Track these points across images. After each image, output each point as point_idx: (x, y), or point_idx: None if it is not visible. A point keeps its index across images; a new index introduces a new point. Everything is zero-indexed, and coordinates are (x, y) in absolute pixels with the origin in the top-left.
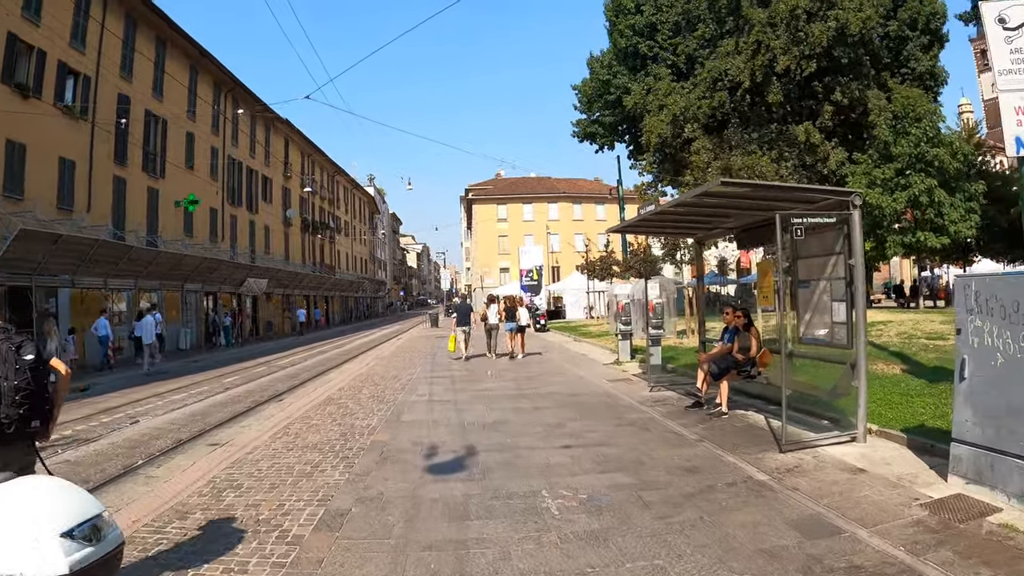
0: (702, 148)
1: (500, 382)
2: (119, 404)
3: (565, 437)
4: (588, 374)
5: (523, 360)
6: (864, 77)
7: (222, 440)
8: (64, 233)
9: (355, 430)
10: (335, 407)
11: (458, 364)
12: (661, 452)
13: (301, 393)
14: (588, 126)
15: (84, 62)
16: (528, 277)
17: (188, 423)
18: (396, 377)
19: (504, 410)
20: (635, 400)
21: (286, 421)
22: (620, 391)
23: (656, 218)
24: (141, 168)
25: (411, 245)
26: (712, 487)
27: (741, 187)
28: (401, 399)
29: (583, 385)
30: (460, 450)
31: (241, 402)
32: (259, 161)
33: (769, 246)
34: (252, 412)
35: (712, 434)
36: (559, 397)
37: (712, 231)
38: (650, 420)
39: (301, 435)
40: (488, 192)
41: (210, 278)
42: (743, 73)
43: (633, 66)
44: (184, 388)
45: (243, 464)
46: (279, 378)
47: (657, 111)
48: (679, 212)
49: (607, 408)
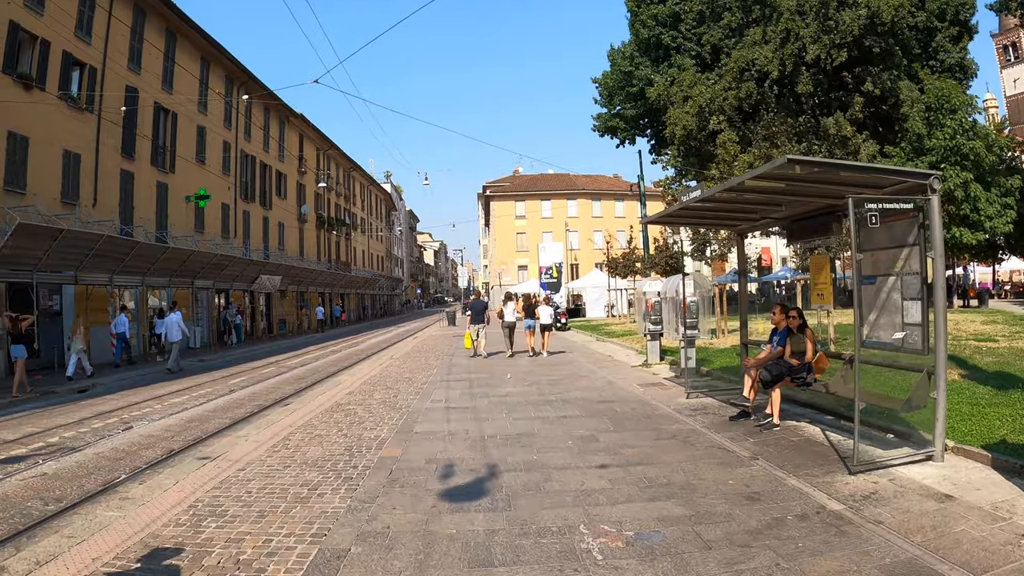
0: (728, 141)
1: (522, 386)
2: (115, 408)
3: (600, 454)
4: (616, 378)
5: (545, 362)
6: (896, 67)
7: (214, 453)
8: (65, 227)
9: (362, 443)
10: (342, 414)
11: (476, 365)
12: (712, 473)
13: (308, 397)
14: (609, 120)
15: (90, 53)
16: (547, 274)
17: (183, 430)
18: (410, 380)
19: (528, 419)
20: (672, 408)
21: (287, 430)
22: (654, 397)
23: (700, 206)
24: (150, 162)
25: (428, 243)
26: (781, 520)
27: (812, 166)
28: (415, 405)
29: (612, 390)
30: (481, 470)
31: (243, 406)
32: (273, 156)
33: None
34: (253, 418)
35: (766, 450)
36: (588, 404)
37: (757, 222)
38: (692, 432)
39: (301, 448)
40: (506, 189)
41: (221, 275)
42: (771, 63)
43: (656, 57)
44: (187, 390)
45: (232, 484)
46: (287, 380)
47: (682, 103)
48: (726, 199)
49: (643, 418)
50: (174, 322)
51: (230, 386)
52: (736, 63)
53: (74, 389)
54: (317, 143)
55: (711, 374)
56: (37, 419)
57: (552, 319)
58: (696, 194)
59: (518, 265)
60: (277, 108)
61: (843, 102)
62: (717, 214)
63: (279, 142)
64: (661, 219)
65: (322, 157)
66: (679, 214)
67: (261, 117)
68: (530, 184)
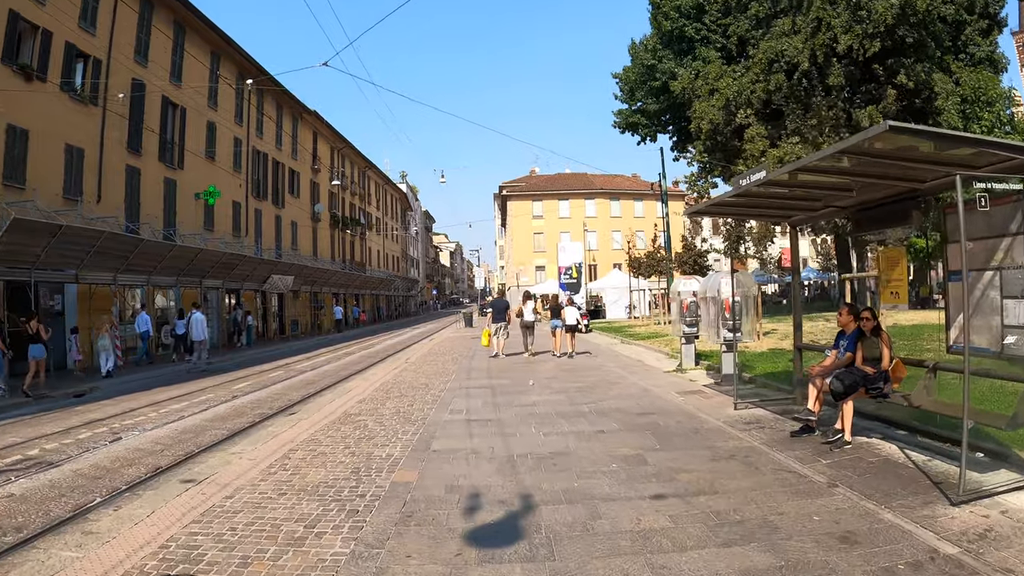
0: (756, 135)
1: (549, 394)
2: (109, 415)
3: (652, 480)
4: (651, 384)
5: (570, 366)
6: (929, 59)
7: (202, 474)
8: (64, 223)
9: (372, 463)
10: (351, 427)
11: (497, 370)
12: (790, 505)
13: (315, 406)
14: (630, 116)
15: (95, 44)
16: (567, 275)
17: (174, 443)
18: (427, 386)
19: (561, 435)
20: (721, 421)
21: (288, 446)
22: (698, 408)
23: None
24: (157, 158)
25: (444, 244)
26: (891, 572)
27: (918, 136)
28: (432, 417)
29: (650, 400)
30: (512, 501)
31: (244, 415)
32: (286, 154)
33: (904, 227)
34: (253, 430)
35: (844, 474)
36: (625, 416)
37: (817, 212)
38: (752, 452)
39: (302, 469)
40: (522, 189)
41: (231, 275)
42: (801, 54)
43: (679, 50)
44: (188, 395)
45: (215, 517)
46: (294, 385)
47: (707, 96)
48: (793, 184)
49: (691, 433)
50: (199, 321)
51: (233, 391)
52: (765, 54)
53: (70, 394)
54: (331, 141)
55: (755, 381)
56: (23, 427)
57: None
58: (759, 176)
59: (535, 265)
60: (290, 104)
61: (874, 95)
62: (771, 203)
63: (292, 139)
64: (707, 209)
65: (336, 155)
66: (731, 202)
67: (273, 113)
68: (547, 184)
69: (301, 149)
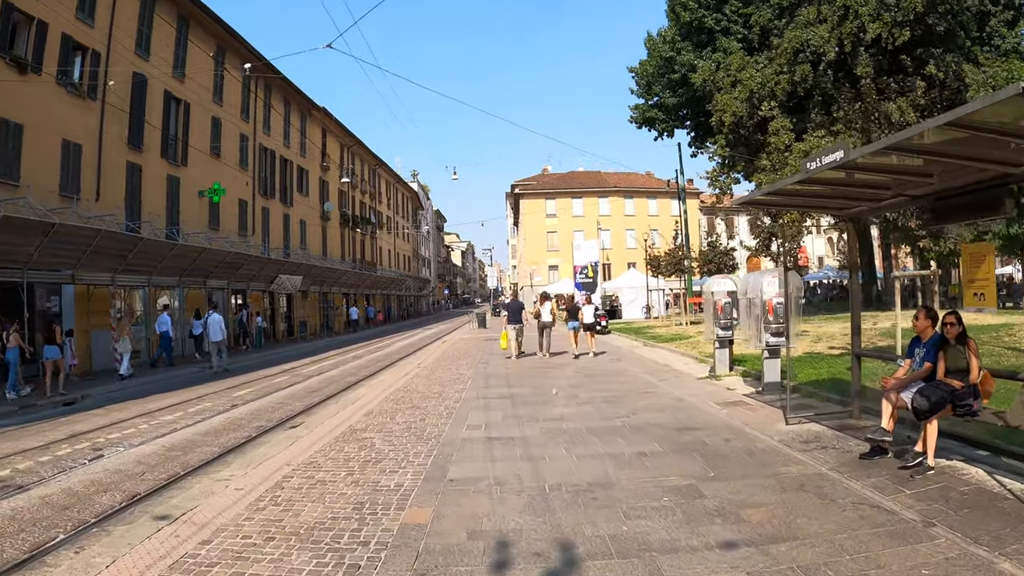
0: (781, 128)
1: (575, 406)
2: (96, 427)
3: (715, 520)
4: (685, 394)
5: (594, 372)
6: (958, 49)
7: (180, 507)
8: (57, 221)
9: (378, 496)
10: (356, 446)
11: (516, 376)
12: (889, 555)
13: (317, 418)
14: (647, 111)
15: (93, 36)
16: (583, 274)
17: (159, 463)
18: (440, 395)
19: (597, 457)
20: (775, 439)
21: (283, 471)
22: (745, 422)
23: (823, 178)
24: (160, 154)
25: (455, 243)
26: None
27: None
28: (447, 434)
29: (688, 412)
30: (550, 553)
31: (241, 429)
32: (294, 151)
33: (993, 217)
34: (248, 447)
35: (936, 509)
36: (666, 433)
37: (883, 202)
38: (822, 479)
39: (295, 504)
40: (535, 187)
41: (237, 275)
42: (828, 43)
43: (699, 42)
44: (184, 404)
45: (184, 572)
46: (298, 393)
47: (729, 88)
48: (867, 167)
49: (745, 455)
50: (216, 322)
51: (233, 400)
52: (790, 43)
53: (59, 402)
54: (341, 138)
55: (799, 390)
56: (2, 441)
57: (594, 318)
58: (835, 157)
59: (549, 265)
60: (298, 100)
61: (903, 87)
62: (833, 191)
63: (300, 136)
64: (760, 199)
65: (346, 153)
66: (790, 191)
67: (281, 109)
68: (560, 182)
69: (310, 146)
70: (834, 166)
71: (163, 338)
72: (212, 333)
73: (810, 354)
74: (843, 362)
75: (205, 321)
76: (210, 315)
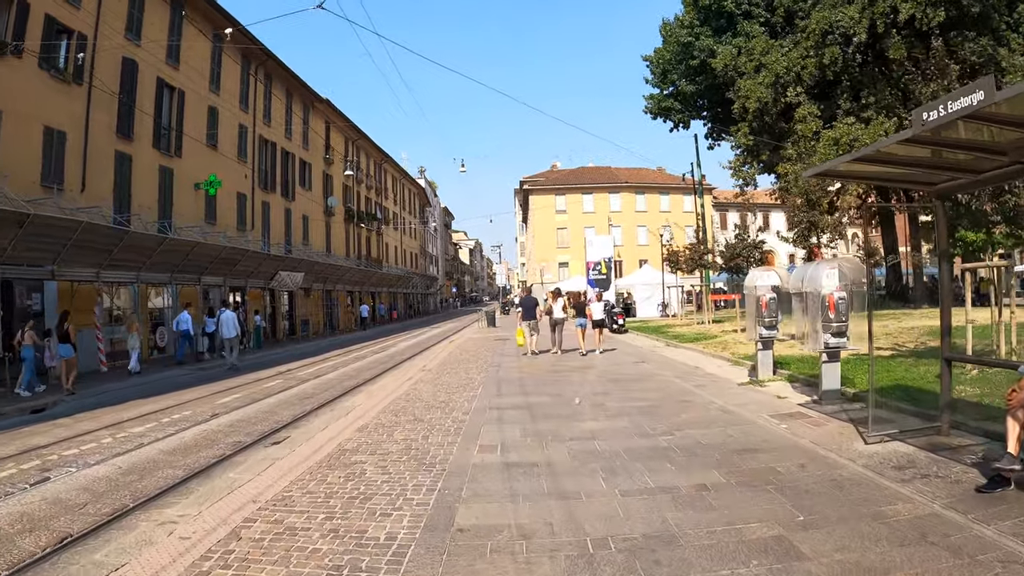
0: (808, 115)
1: (606, 419)
2: (56, 440)
3: None
4: (731, 403)
5: (619, 376)
6: (992, 32)
7: (106, 565)
8: (31, 212)
9: (362, 556)
10: (342, 474)
11: (532, 380)
12: None
13: (304, 433)
14: (662, 100)
15: (80, 18)
16: (596, 270)
17: (107, 491)
18: (446, 405)
19: (648, 494)
20: (859, 463)
21: (248, 510)
22: (813, 441)
23: (925, 138)
24: (152, 144)
25: (463, 241)
26: None
27: None
28: (455, 459)
29: (741, 427)
30: None
31: (213, 446)
32: (296, 144)
33: None
34: (215, 471)
35: None
36: (722, 455)
37: (986, 173)
38: (943, 524)
39: (250, 567)
40: (544, 183)
41: (233, 271)
42: (859, 24)
43: (718, 27)
44: (161, 412)
45: None
46: (289, 400)
47: (753, 73)
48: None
49: (832, 487)
50: (230, 319)
51: (215, 407)
52: (818, 25)
53: (27, 409)
54: (345, 132)
55: (861, 398)
56: None
57: (605, 315)
58: (972, 99)
59: (559, 262)
60: (300, 91)
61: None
62: (920, 161)
63: (303, 128)
64: (839, 170)
65: (351, 147)
66: (885, 156)
67: (282, 100)
68: (570, 178)
69: (313, 138)
70: (967, 113)
71: (183, 336)
72: (226, 330)
73: (856, 355)
74: (897, 364)
75: (218, 319)
76: (223, 312)
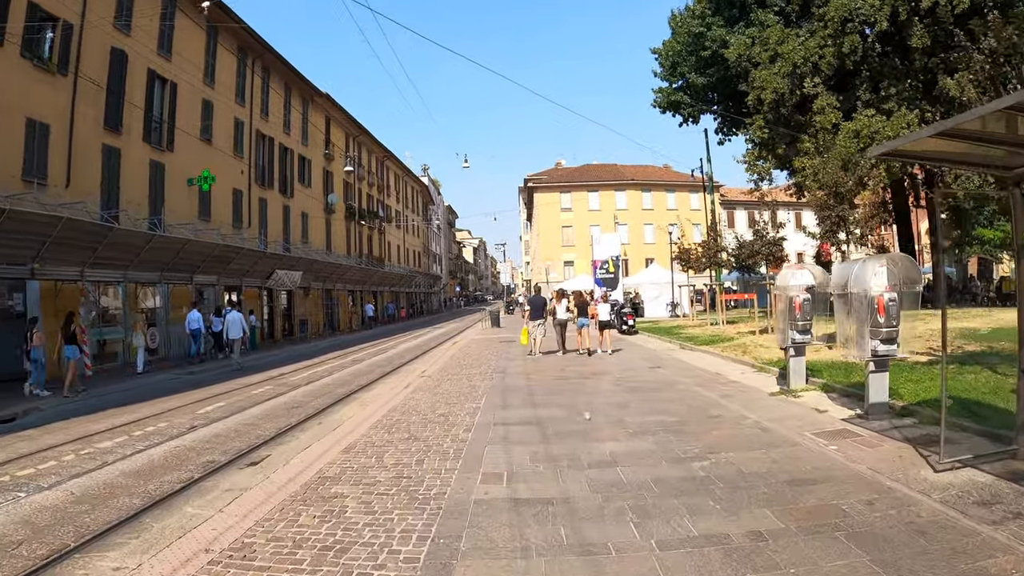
0: (827, 106)
1: (627, 439)
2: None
3: None
4: (766, 418)
5: (636, 385)
6: (1017, 19)
7: None
8: (6, 208)
9: None
10: (318, 512)
11: (541, 390)
12: None
13: (282, 454)
14: (671, 94)
15: (65, 6)
16: (603, 269)
17: (50, 525)
18: (446, 419)
19: (689, 543)
20: (935, 498)
21: (200, 561)
22: (873, 467)
23: None
24: (142, 138)
25: (467, 240)
26: None
27: None
28: (453, 492)
29: (785, 450)
30: None
31: (182, 467)
32: (295, 139)
33: None
34: (174, 502)
35: None
36: (771, 489)
37: None
38: None
39: None
40: (549, 181)
41: (227, 269)
42: (880, 11)
43: (730, 17)
44: (136, 424)
45: None
46: (275, 410)
47: (768, 63)
48: None
49: (914, 534)
50: (236, 320)
51: (195, 418)
52: (837, 12)
53: None
54: (346, 127)
55: (911, 412)
56: None
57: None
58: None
59: (564, 260)
60: (299, 85)
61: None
62: (1004, 139)
63: (302, 123)
64: (905, 147)
65: (352, 143)
66: (965, 132)
67: (280, 94)
68: (575, 175)
69: (313, 133)
70: None
71: (194, 336)
72: (232, 330)
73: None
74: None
75: (225, 318)
76: (229, 312)
